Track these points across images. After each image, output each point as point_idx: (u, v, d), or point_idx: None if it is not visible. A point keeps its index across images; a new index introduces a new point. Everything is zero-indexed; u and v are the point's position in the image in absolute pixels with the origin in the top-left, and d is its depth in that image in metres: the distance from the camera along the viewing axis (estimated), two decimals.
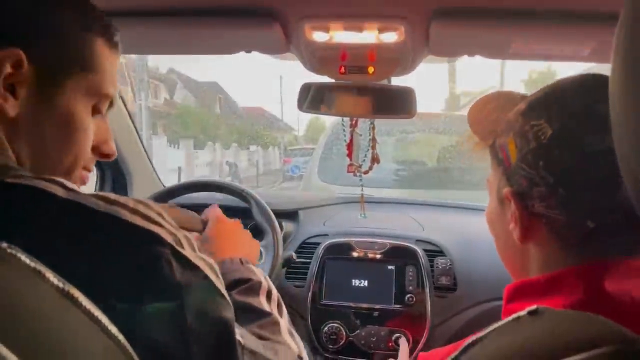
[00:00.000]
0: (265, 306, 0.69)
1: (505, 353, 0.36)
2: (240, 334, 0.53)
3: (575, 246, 0.53)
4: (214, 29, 0.94)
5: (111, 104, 0.61)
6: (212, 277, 0.49)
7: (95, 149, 0.60)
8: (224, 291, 0.51)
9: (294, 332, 0.70)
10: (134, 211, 0.45)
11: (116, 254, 0.43)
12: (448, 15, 0.86)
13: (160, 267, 0.44)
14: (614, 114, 0.33)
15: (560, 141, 0.51)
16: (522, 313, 0.39)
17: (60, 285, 0.37)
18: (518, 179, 0.55)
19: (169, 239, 0.46)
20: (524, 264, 0.58)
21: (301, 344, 0.69)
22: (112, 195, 0.46)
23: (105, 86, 0.57)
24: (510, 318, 0.40)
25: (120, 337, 0.39)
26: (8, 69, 0.49)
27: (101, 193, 0.46)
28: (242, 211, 1.40)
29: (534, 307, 0.39)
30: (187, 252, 0.48)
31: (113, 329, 0.39)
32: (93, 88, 0.56)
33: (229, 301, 0.51)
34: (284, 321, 0.70)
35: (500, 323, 0.41)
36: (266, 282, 0.75)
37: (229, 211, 1.59)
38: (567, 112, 0.52)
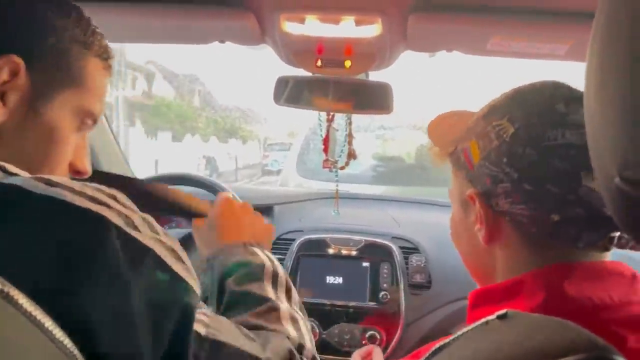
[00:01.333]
0: (266, 291, 0.65)
1: (474, 357, 0.34)
2: (207, 322, 0.49)
3: (539, 246, 0.53)
4: (186, 17, 0.91)
5: (94, 122, 0.60)
6: (169, 259, 0.44)
7: (70, 165, 0.59)
8: (185, 274, 0.46)
9: (299, 317, 0.65)
10: (79, 193, 0.41)
11: (49, 237, 0.38)
12: (426, 9, 0.85)
13: (100, 250, 0.39)
14: (589, 110, 0.32)
15: (522, 138, 0.52)
16: (491, 317, 0.38)
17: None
18: (482, 179, 0.55)
19: (116, 220, 0.42)
20: (489, 268, 0.58)
21: (306, 330, 0.64)
22: (57, 178, 0.42)
23: (93, 105, 0.57)
24: (478, 323, 0.39)
25: (67, 341, 0.36)
26: (5, 76, 0.49)
27: (45, 176, 0.42)
28: None
29: (503, 311, 0.38)
30: (138, 234, 0.43)
31: (58, 333, 0.36)
32: (81, 105, 0.56)
33: (191, 286, 0.46)
34: (287, 306, 0.65)
35: (468, 328, 0.40)
36: (271, 265, 0.70)
37: None
38: (528, 111, 0.53)
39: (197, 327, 0.48)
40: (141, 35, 1.08)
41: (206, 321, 0.50)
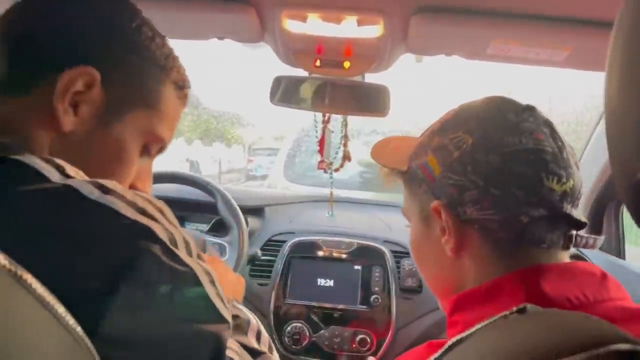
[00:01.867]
0: (256, 345, 0.66)
1: (496, 350, 0.34)
2: (238, 351, 0.50)
3: (508, 251, 0.54)
4: (186, 10, 0.90)
5: (162, 149, 0.60)
6: (206, 284, 0.45)
7: (131, 186, 0.58)
8: (218, 304, 0.46)
9: None
10: (130, 203, 0.42)
11: (96, 244, 0.39)
12: (428, 11, 0.85)
13: (144, 261, 0.40)
14: (610, 107, 0.32)
15: (482, 146, 0.54)
16: (509, 312, 0.38)
17: (12, 268, 0.33)
18: (445, 190, 0.56)
19: (161, 234, 0.42)
20: (457, 281, 0.58)
21: None
22: (111, 184, 0.43)
23: (162, 129, 0.57)
24: (497, 316, 0.39)
25: (78, 328, 0.36)
26: (79, 86, 0.49)
27: (101, 180, 0.43)
28: (207, 206, 1.36)
29: (522, 305, 0.38)
30: (180, 252, 0.43)
31: (70, 320, 0.35)
32: (150, 128, 0.56)
33: (224, 317, 0.46)
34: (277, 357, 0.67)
35: (485, 322, 0.39)
36: (255, 322, 0.71)
37: (193, 206, 1.55)
38: (483, 122, 0.56)
39: (230, 354, 0.48)
40: None
41: (237, 349, 0.50)
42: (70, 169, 0.44)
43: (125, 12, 0.54)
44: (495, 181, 0.53)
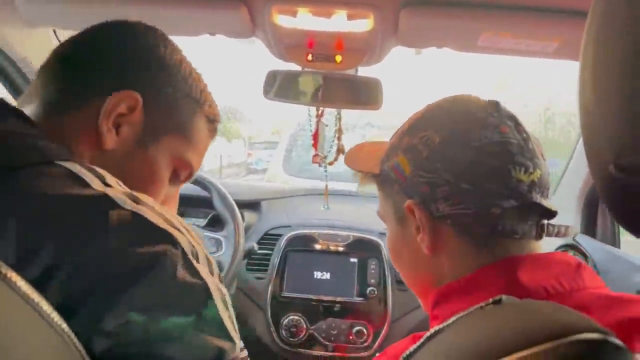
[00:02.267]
0: None
1: (470, 341, 0.35)
2: None
3: (483, 244, 0.55)
4: (176, 7, 0.90)
5: (189, 176, 0.64)
6: (218, 301, 0.45)
7: None
8: (227, 323, 0.46)
9: None
10: (158, 214, 0.46)
11: (122, 243, 0.42)
12: (418, 4, 0.85)
13: (163, 263, 0.42)
14: (584, 99, 0.33)
15: (450, 143, 0.55)
16: (485, 303, 0.39)
17: None
18: (417, 188, 0.57)
19: (184, 244, 0.44)
20: (436, 278, 0.59)
21: None
22: (143, 197, 0.47)
23: (192, 157, 0.62)
24: (472, 308, 0.39)
25: (64, 325, 0.37)
26: (123, 108, 0.54)
27: (135, 192, 0.47)
28: (203, 200, 1.36)
29: (498, 297, 0.38)
30: (200, 267, 0.45)
31: (55, 317, 0.36)
32: (183, 154, 0.60)
33: (231, 336, 0.46)
34: None
35: (461, 314, 0.40)
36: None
37: (190, 201, 1.55)
38: (450, 119, 0.58)
39: None
40: None
41: None
42: (110, 179, 0.47)
43: (169, 46, 0.60)
44: (465, 176, 0.54)
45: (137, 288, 0.40)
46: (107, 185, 0.46)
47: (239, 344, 0.48)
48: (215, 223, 1.52)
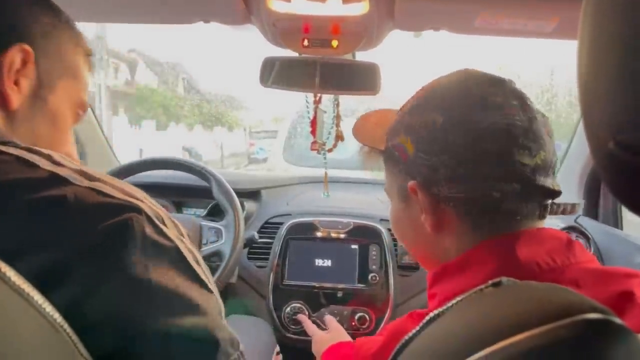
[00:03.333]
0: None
1: (470, 324, 0.34)
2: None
3: (485, 224, 0.55)
4: None
5: (84, 112, 0.63)
6: (191, 261, 0.46)
7: (67, 153, 0.60)
8: (202, 276, 0.47)
9: None
10: (116, 187, 0.45)
11: (88, 223, 0.41)
12: None
13: (132, 228, 0.42)
14: (582, 76, 0.32)
15: (451, 125, 0.54)
16: (485, 285, 0.38)
17: None
18: (419, 169, 0.57)
19: (148, 211, 0.44)
20: (441, 256, 0.59)
21: None
22: (97, 173, 0.46)
23: (84, 94, 0.62)
24: (471, 291, 0.39)
25: (56, 315, 0.36)
26: (18, 64, 0.52)
27: (85, 169, 0.46)
28: (203, 190, 1.36)
29: (497, 279, 0.38)
30: (165, 229, 0.45)
31: (47, 307, 0.36)
32: (77, 95, 0.60)
33: (210, 288, 0.47)
34: None
35: (461, 297, 0.40)
36: None
37: (190, 191, 1.55)
38: (449, 100, 0.56)
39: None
40: (121, 13, 1.06)
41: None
42: (57, 156, 0.46)
43: None
44: (465, 160, 0.53)
45: (106, 261, 0.40)
46: (55, 162, 0.45)
47: (216, 293, 0.49)
48: (216, 213, 1.52)
